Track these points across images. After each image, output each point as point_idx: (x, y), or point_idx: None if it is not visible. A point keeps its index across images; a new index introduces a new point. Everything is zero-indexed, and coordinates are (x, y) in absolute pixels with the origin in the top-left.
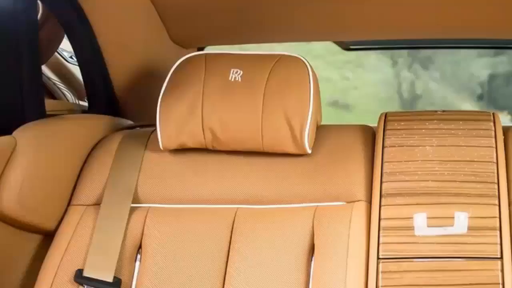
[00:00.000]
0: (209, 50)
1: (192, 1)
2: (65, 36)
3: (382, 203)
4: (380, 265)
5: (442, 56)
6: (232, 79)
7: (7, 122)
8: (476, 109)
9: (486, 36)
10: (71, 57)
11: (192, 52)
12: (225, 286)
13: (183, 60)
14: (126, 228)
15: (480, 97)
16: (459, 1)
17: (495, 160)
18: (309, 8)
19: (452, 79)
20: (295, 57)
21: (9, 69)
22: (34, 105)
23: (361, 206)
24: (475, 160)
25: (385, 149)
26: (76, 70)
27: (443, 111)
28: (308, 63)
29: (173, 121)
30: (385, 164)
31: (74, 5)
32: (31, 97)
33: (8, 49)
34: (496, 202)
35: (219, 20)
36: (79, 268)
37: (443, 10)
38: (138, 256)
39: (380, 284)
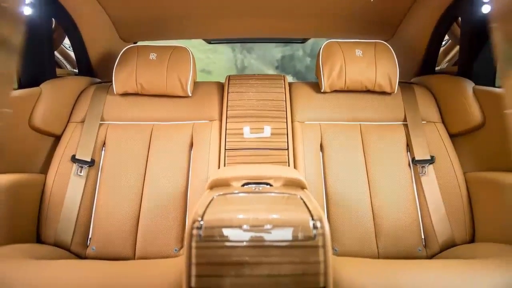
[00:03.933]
0: (140, 43)
1: (129, 17)
2: (66, 36)
3: (227, 121)
4: (226, 152)
5: (258, 47)
6: (151, 58)
7: (36, 80)
8: (275, 73)
9: (280, 36)
10: (69, 47)
11: (131, 44)
12: (148, 162)
13: (126, 49)
14: (97, 134)
15: (277, 67)
16: (264, 21)
17: (284, 100)
18: (192, 22)
19: (263, 58)
20: (183, 47)
21: (38, 52)
22: (50, 71)
23: (217, 123)
24: (275, 99)
25: (229, 94)
26: (72, 53)
27: (258, 75)
28: (190, 50)
29: (121, 80)
30: (228, 101)
31: (71, 21)
32: (48, 67)
33: (36, 43)
34: (285, 121)
35: (144, 27)
36: (73, 154)
37: (259, 25)
38: (104, 148)
39: (226, 162)
